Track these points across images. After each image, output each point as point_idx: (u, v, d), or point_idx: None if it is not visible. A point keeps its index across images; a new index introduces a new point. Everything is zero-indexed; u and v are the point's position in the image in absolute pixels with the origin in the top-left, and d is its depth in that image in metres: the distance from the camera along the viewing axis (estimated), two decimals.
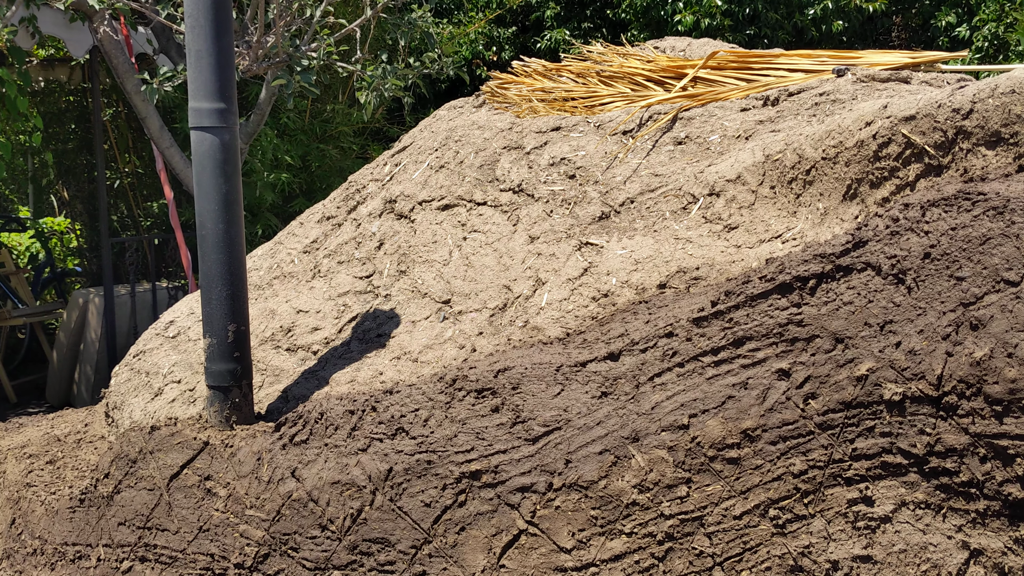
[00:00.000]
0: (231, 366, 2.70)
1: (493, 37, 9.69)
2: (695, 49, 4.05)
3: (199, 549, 2.57)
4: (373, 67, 4.97)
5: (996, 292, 1.92)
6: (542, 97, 3.71)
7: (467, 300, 2.86)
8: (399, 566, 2.33)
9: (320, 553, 2.41)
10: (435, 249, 3.12)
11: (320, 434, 2.49)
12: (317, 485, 2.44)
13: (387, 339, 2.88)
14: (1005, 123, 2.12)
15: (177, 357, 3.25)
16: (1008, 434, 1.88)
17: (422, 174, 3.46)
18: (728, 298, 2.23)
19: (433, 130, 3.77)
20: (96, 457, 3.20)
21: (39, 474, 3.19)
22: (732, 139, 3.03)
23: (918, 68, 3.25)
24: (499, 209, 3.13)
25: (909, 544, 1.99)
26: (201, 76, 2.65)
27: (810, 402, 2.08)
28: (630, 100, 3.50)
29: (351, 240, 3.39)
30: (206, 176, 2.67)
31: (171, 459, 2.67)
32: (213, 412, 2.72)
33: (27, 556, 2.95)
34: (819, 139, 2.60)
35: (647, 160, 3.06)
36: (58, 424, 3.83)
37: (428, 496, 2.31)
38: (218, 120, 2.65)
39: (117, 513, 2.75)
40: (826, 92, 3.03)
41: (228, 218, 2.69)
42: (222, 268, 2.68)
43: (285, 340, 3.08)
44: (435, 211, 3.26)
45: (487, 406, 2.33)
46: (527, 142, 3.29)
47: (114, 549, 2.73)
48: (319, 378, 2.83)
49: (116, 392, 3.36)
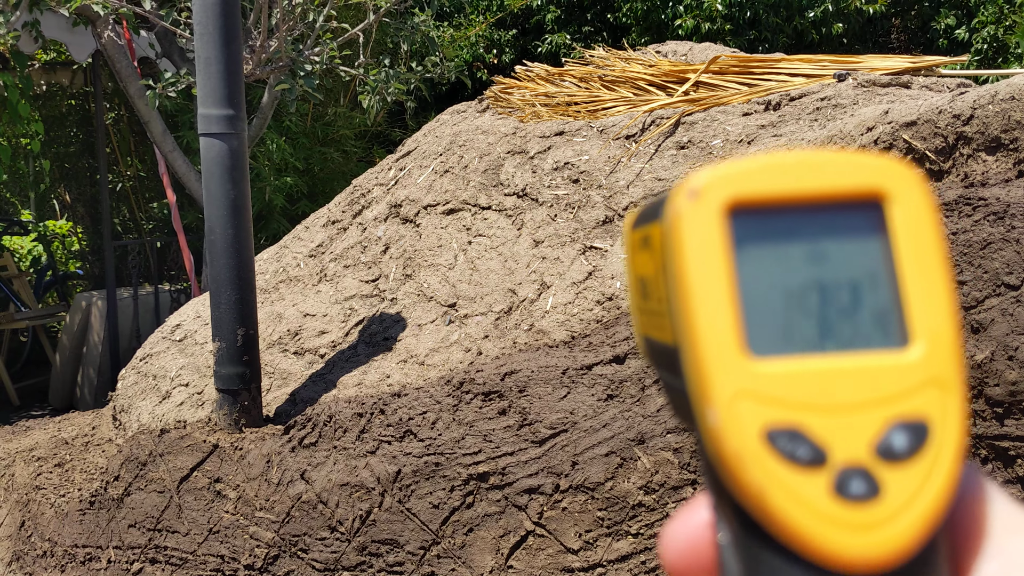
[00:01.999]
0: (240, 370, 2.73)
1: (494, 40, 9.72)
2: (696, 53, 4.08)
3: (209, 551, 2.60)
4: (376, 71, 5.00)
5: (997, 296, 1.95)
6: (545, 102, 3.74)
7: (472, 304, 2.89)
8: (408, 567, 2.36)
9: (329, 554, 2.44)
10: (440, 253, 3.15)
11: (329, 437, 2.51)
12: (326, 487, 2.46)
13: (393, 342, 2.91)
14: (1005, 129, 2.15)
15: (184, 360, 3.28)
16: (1009, 436, 1.91)
17: (427, 179, 3.49)
18: None
19: (437, 135, 3.80)
20: (104, 460, 3.23)
21: (48, 477, 3.22)
22: (734, 144, 3.06)
23: (918, 72, 3.28)
24: (504, 213, 3.16)
25: None
26: (210, 83, 2.68)
27: None
28: (633, 105, 3.53)
29: (357, 244, 3.42)
30: (215, 182, 2.70)
31: (181, 462, 2.70)
32: (222, 415, 2.75)
33: (37, 558, 2.98)
34: (821, 144, 2.63)
35: (650, 164, 3.09)
36: (65, 427, 3.86)
37: (436, 498, 2.34)
38: (227, 127, 2.68)
39: (127, 515, 2.78)
40: (827, 97, 3.06)
41: (237, 223, 2.72)
42: (231, 273, 2.71)
43: (292, 343, 3.11)
44: (440, 215, 3.29)
45: (494, 409, 2.36)
46: (531, 147, 3.32)
47: (124, 551, 2.76)
48: (327, 381, 2.85)
49: (123, 395, 3.38)
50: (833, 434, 0.28)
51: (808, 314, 0.30)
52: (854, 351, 0.29)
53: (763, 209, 0.30)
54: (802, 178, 0.30)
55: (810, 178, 0.30)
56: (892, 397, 0.28)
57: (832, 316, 0.30)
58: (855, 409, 0.28)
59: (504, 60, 9.58)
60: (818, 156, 0.30)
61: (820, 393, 0.28)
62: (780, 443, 0.28)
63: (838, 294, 0.30)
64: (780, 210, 0.30)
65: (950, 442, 0.28)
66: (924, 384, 0.29)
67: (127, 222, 8.32)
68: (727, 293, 0.29)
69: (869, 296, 0.30)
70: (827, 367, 0.29)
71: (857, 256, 0.30)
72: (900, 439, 0.28)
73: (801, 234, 0.30)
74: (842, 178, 0.30)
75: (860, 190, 0.30)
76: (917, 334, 0.29)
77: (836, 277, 0.30)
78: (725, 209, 0.30)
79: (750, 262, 0.30)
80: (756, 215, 0.30)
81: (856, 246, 0.30)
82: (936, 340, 0.29)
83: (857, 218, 0.30)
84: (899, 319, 0.30)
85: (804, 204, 0.30)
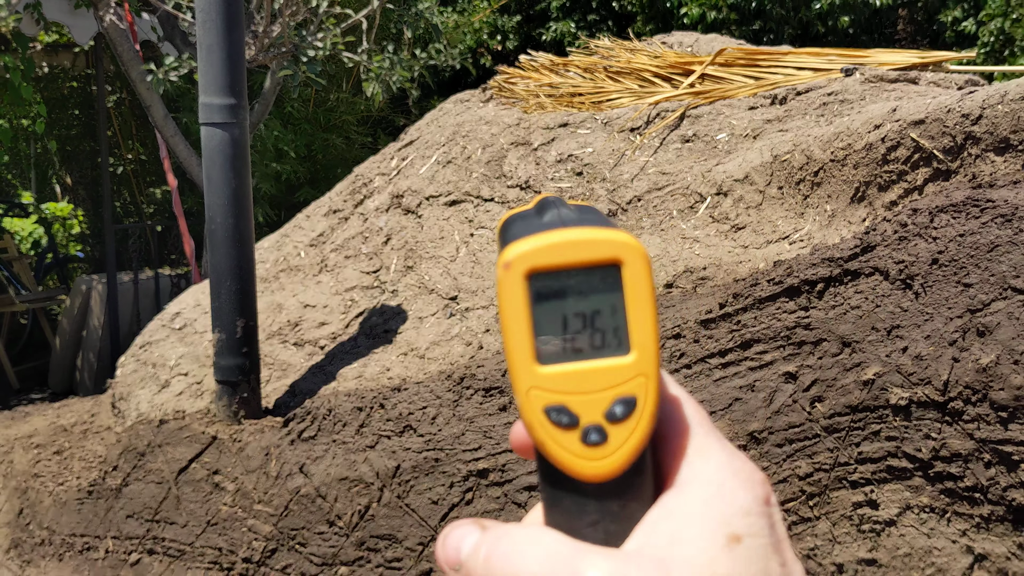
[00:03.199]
0: (239, 361, 2.72)
1: (498, 26, 9.66)
2: (703, 45, 4.05)
3: (207, 543, 2.59)
4: (379, 58, 4.97)
5: (1003, 299, 1.94)
6: (549, 92, 3.72)
7: (474, 297, 2.88)
8: (406, 563, 2.35)
9: (327, 549, 2.43)
10: (442, 245, 3.13)
11: (328, 430, 2.50)
12: (325, 481, 2.45)
13: (394, 335, 2.89)
14: (1014, 129, 2.13)
15: (184, 349, 3.26)
16: (1013, 440, 1.90)
17: (429, 169, 3.46)
18: (736, 300, 2.24)
19: (440, 124, 3.77)
20: (103, 448, 3.22)
21: (46, 464, 3.21)
22: (740, 138, 3.04)
23: (926, 68, 3.25)
24: (507, 206, 3.14)
25: (914, 548, 2.01)
26: (212, 71, 2.66)
27: (816, 405, 2.09)
28: (638, 96, 3.50)
29: (358, 235, 3.40)
30: (216, 171, 2.67)
31: (179, 453, 2.69)
32: (221, 407, 2.74)
33: (35, 546, 2.97)
34: (828, 141, 2.61)
35: (654, 158, 3.07)
36: (64, 414, 3.85)
37: (435, 493, 2.33)
38: (228, 116, 2.66)
39: (125, 505, 2.77)
40: (834, 92, 3.03)
41: (238, 212, 2.70)
42: (231, 263, 2.69)
43: (292, 334, 3.09)
44: (442, 207, 3.27)
45: (495, 404, 2.34)
46: (534, 138, 3.30)
47: (122, 541, 2.75)
48: (326, 373, 2.84)
49: (122, 383, 3.37)
50: (582, 408, 0.46)
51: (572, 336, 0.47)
52: (598, 358, 0.47)
53: (548, 272, 0.46)
54: (573, 251, 0.46)
55: (577, 251, 0.46)
56: (617, 384, 0.46)
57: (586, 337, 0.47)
58: (596, 392, 0.46)
59: (508, 47, 9.52)
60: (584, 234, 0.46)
61: (576, 384, 0.46)
62: (552, 415, 0.46)
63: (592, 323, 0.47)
64: (558, 272, 0.46)
65: (648, 409, 0.46)
66: (636, 375, 0.46)
67: (128, 205, 8.30)
68: (527, 326, 0.46)
69: (610, 323, 0.47)
70: (582, 368, 0.46)
71: (604, 298, 0.47)
72: (620, 408, 0.46)
73: (571, 286, 0.47)
74: (597, 251, 0.46)
75: (607, 258, 0.46)
76: (634, 346, 0.46)
77: (591, 311, 0.47)
78: (525, 275, 0.46)
79: (540, 306, 0.47)
80: (544, 276, 0.46)
81: (604, 293, 0.47)
82: (643, 349, 0.46)
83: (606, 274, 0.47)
84: (625, 337, 0.47)
85: (573, 267, 0.46)
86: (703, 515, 0.45)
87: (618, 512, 0.47)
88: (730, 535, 0.45)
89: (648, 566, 0.43)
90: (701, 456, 0.48)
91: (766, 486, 0.48)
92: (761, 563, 0.45)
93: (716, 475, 0.47)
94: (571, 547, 0.45)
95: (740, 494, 0.46)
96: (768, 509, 0.47)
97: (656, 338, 0.47)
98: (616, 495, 0.47)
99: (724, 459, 0.48)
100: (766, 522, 0.46)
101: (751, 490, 0.47)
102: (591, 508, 0.47)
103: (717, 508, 0.45)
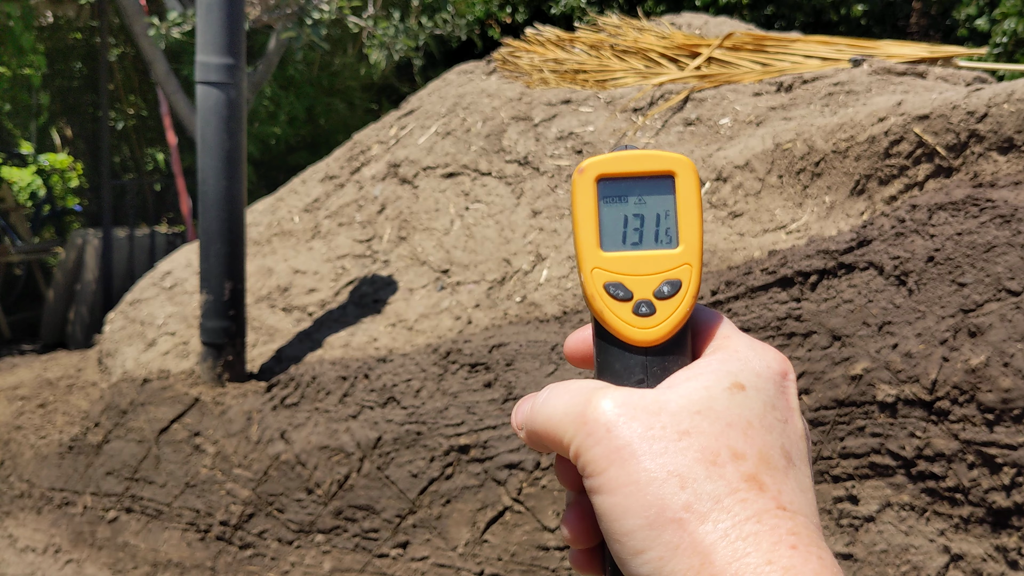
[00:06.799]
0: (225, 324, 2.70)
1: None
2: (712, 28, 4.00)
3: (185, 504, 2.59)
4: (385, 24, 4.91)
5: (997, 301, 1.91)
6: (554, 68, 3.67)
7: (466, 271, 2.85)
8: (383, 534, 2.34)
9: (305, 516, 2.42)
10: (437, 217, 3.10)
11: (311, 398, 2.49)
12: (305, 448, 2.44)
13: (383, 305, 2.87)
14: (1019, 130, 2.10)
15: (172, 309, 3.24)
16: (997, 443, 1.88)
17: (428, 140, 3.43)
18: (728, 288, 2.22)
19: (441, 95, 3.73)
20: (87, 404, 3.21)
21: (29, 417, 3.20)
22: (743, 124, 3.00)
23: (935, 62, 3.21)
24: (503, 180, 3.11)
25: (891, 545, 2.00)
26: (211, 29, 2.62)
27: (803, 397, 2.08)
28: (642, 76, 3.46)
29: (353, 202, 3.37)
30: (210, 131, 2.64)
31: (161, 413, 2.68)
32: (206, 368, 2.72)
33: (14, 498, 2.97)
34: (831, 131, 2.57)
35: (656, 140, 3.04)
36: (50, 367, 3.83)
37: (416, 467, 2.32)
38: (225, 76, 2.62)
39: (105, 463, 2.76)
40: (841, 82, 3.00)
41: (230, 174, 2.67)
42: (221, 225, 2.66)
43: (281, 299, 3.07)
44: (439, 178, 3.23)
45: (480, 381, 2.33)
46: (536, 114, 3.26)
47: (101, 498, 2.75)
48: (313, 340, 2.82)
49: (110, 339, 3.35)
50: (636, 285, 0.55)
51: (632, 230, 0.57)
52: (652, 249, 0.56)
53: (613, 178, 0.57)
54: (635, 163, 0.56)
55: (638, 163, 0.56)
56: (666, 269, 0.56)
57: (643, 231, 0.57)
58: (648, 274, 0.56)
59: (516, 19, 9.43)
60: (645, 152, 0.56)
61: (632, 267, 0.56)
62: (611, 289, 0.55)
63: (648, 220, 0.56)
64: (622, 179, 0.57)
65: (691, 291, 0.55)
66: (682, 263, 0.56)
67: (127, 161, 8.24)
68: (594, 220, 0.56)
69: (663, 222, 0.56)
70: (638, 255, 0.56)
71: (659, 202, 0.56)
72: (667, 288, 0.55)
73: (632, 190, 0.57)
74: (654, 164, 0.56)
75: (663, 170, 0.56)
76: (682, 241, 0.56)
77: (647, 212, 0.56)
78: (595, 179, 0.56)
79: (606, 204, 0.57)
80: (610, 181, 0.57)
81: (659, 197, 0.56)
82: (689, 244, 0.56)
83: (660, 184, 0.56)
84: (675, 234, 0.56)
85: (634, 176, 0.57)
86: (716, 369, 0.52)
87: (660, 374, 0.54)
88: (735, 383, 0.51)
89: (650, 395, 0.51)
90: (728, 338, 0.56)
91: (785, 364, 0.54)
92: (759, 411, 0.51)
93: (738, 345, 0.54)
94: (593, 384, 0.53)
95: (755, 360, 0.53)
96: (782, 381, 0.53)
97: (700, 236, 0.56)
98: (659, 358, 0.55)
99: (748, 340, 0.55)
100: (775, 387, 0.52)
101: (766, 360, 0.53)
102: (637, 369, 0.55)
103: (730, 365, 0.52)
